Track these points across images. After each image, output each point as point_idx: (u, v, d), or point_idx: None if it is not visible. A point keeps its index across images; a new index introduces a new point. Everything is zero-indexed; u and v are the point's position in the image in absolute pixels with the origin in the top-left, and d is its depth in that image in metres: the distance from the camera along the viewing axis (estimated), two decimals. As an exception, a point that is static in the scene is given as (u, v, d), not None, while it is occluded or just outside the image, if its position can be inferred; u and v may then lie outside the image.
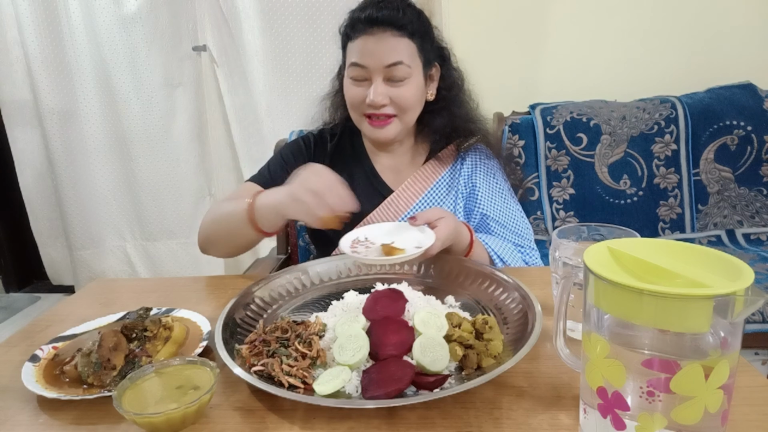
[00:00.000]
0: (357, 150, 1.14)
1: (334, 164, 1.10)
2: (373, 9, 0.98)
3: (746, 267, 0.40)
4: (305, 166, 0.86)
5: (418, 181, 1.09)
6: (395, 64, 0.98)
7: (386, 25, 0.97)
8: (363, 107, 1.02)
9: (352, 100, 1.03)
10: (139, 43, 2.15)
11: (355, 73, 1.00)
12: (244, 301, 0.76)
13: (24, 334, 0.78)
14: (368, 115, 1.02)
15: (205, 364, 0.58)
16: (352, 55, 1.00)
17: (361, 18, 0.99)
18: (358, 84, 1.01)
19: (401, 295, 0.69)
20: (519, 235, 1.07)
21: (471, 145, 1.13)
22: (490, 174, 1.12)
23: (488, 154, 1.15)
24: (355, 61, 0.99)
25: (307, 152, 1.13)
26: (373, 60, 0.98)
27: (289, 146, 1.16)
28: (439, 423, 0.53)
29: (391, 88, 0.99)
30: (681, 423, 0.40)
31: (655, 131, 1.68)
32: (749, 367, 0.60)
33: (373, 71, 0.98)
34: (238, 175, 2.32)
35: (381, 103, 0.99)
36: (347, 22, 1.03)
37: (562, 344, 0.53)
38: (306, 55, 2.10)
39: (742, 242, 1.68)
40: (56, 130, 2.24)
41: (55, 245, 2.51)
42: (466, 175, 1.10)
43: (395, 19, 0.97)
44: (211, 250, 1.01)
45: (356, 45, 0.99)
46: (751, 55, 1.90)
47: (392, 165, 1.12)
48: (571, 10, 1.92)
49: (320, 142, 1.15)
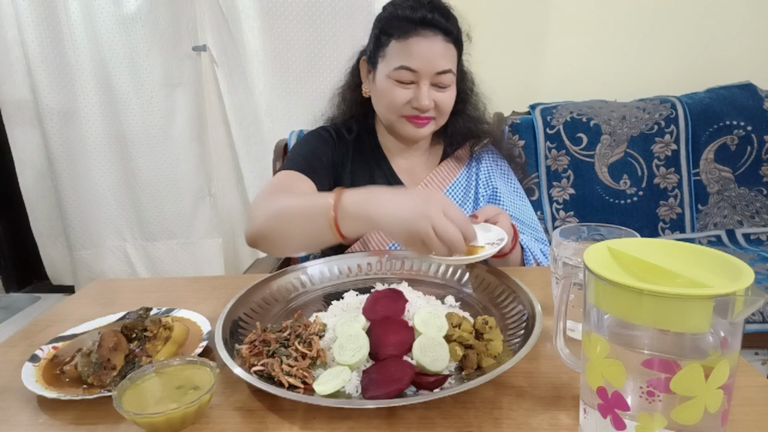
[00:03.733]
0: (374, 150, 1.13)
1: (356, 160, 1.11)
2: (425, 11, 0.95)
3: (746, 267, 0.40)
4: (428, 190, 0.77)
5: (435, 182, 1.10)
6: (445, 72, 0.97)
7: (438, 29, 0.95)
8: (405, 109, 1.00)
9: (396, 102, 0.99)
10: (139, 43, 2.15)
11: (405, 76, 0.97)
12: (244, 301, 0.75)
13: (24, 334, 0.78)
14: (408, 116, 1.01)
15: (205, 364, 0.58)
16: (401, 56, 0.96)
17: (412, 18, 0.95)
18: (404, 86, 0.98)
19: (401, 295, 0.69)
20: (536, 230, 1.10)
21: (484, 146, 1.15)
22: (505, 176, 1.15)
23: (499, 155, 1.17)
24: (406, 65, 0.96)
25: (332, 141, 1.10)
26: (426, 64, 0.95)
27: (313, 134, 1.12)
28: (439, 423, 0.53)
29: (436, 93, 0.99)
30: (681, 423, 0.40)
31: (655, 131, 1.68)
32: (749, 367, 0.60)
33: (422, 75, 0.96)
34: (238, 175, 2.32)
35: (429, 107, 0.99)
36: (390, 19, 0.98)
37: (562, 344, 0.53)
38: (306, 55, 2.10)
39: (742, 242, 1.68)
40: (56, 129, 2.24)
41: (55, 245, 2.51)
42: (484, 177, 1.12)
43: (445, 24, 0.96)
44: (268, 247, 0.89)
45: (406, 46, 0.96)
46: (751, 55, 1.90)
47: (408, 166, 1.13)
48: (571, 10, 1.92)
49: (340, 135, 1.13)
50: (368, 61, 1.06)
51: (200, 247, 2.42)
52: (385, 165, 1.11)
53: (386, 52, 0.99)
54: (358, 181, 1.10)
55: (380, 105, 1.04)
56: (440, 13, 0.96)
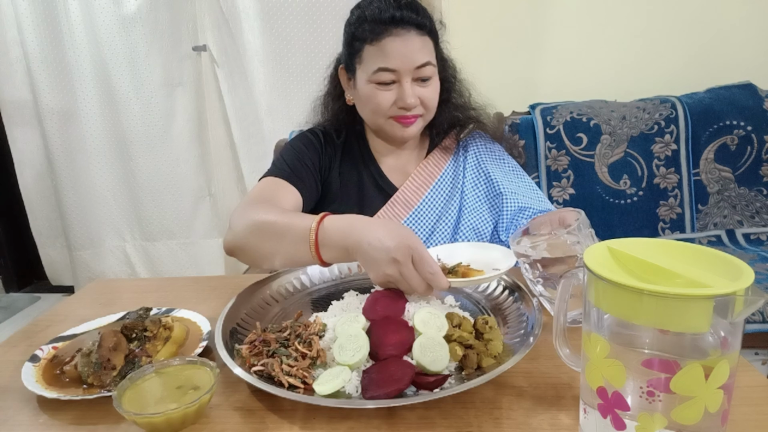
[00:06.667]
0: (363, 152, 1.12)
1: (344, 163, 1.11)
2: (393, 9, 0.93)
3: (746, 267, 0.40)
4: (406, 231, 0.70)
5: (422, 176, 1.09)
6: (425, 65, 0.96)
7: (410, 25, 0.94)
8: (391, 110, 0.99)
9: (381, 106, 0.98)
10: (139, 43, 2.15)
11: (385, 77, 0.95)
12: (244, 301, 0.75)
13: (24, 334, 0.78)
14: (396, 117, 1.00)
15: (205, 364, 0.58)
16: (377, 59, 0.95)
17: (382, 19, 0.94)
18: (387, 88, 0.97)
19: (401, 295, 0.69)
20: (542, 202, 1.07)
21: (469, 133, 1.12)
22: (498, 159, 1.12)
23: (489, 140, 1.14)
24: (384, 66, 0.94)
25: (318, 145, 1.09)
26: (404, 62, 0.94)
27: (299, 138, 1.11)
28: (439, 423, 0.53)
29: (418, 88, 0.98)
30: (681, 423, 0.40)
31: (655, 131, 1.68)
32: (749, 367, 0.60)
33: (402, 73, 0.95)
34: (238, 175, 2.32)
35: (415, 104, 0.98)
36: (360, 23, 0.97)
37: (562, 344, 0.53)
38: (306, 55, 2.10)
39: (742, 242, 1.68)
40: (56, 130, 2.24)
41: (54, 245, 2.51)
42: (473, 164, 1.10)
43: (416, 18, 0.94)
44: (245, 260, 0.87)
45: (380, 48, 0.94)
46: (751, 55, 1.90)
47: (398, 165, 1.12)
48: (571, 10, 1.92)
49: (328, 137, 1.12)
50: (346, 69, 1.04)
51: (200, 247, 2.42)
52: (374, 167, 1.11)
53: (362, 57, 0.98)
54: (347, 183, 1.09)
55: (366, 110, 1.03)
56: (409, 9, 0.94)
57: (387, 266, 0.66)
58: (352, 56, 1.00)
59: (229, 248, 0.87)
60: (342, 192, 1.09)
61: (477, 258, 0.77)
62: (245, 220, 0.84)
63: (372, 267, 0.69)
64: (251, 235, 0.82)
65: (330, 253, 0.74)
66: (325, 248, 0.74)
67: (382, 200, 1.07)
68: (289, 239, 0.77)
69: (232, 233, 0.85)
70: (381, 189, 1.09)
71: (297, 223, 0.77)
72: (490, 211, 1.07)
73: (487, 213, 1.07)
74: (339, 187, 1.09)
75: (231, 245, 0.86)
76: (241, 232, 0.83)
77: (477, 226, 1.05)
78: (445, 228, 1.05)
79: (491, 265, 0.74)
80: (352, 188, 1.09)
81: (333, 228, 0.74)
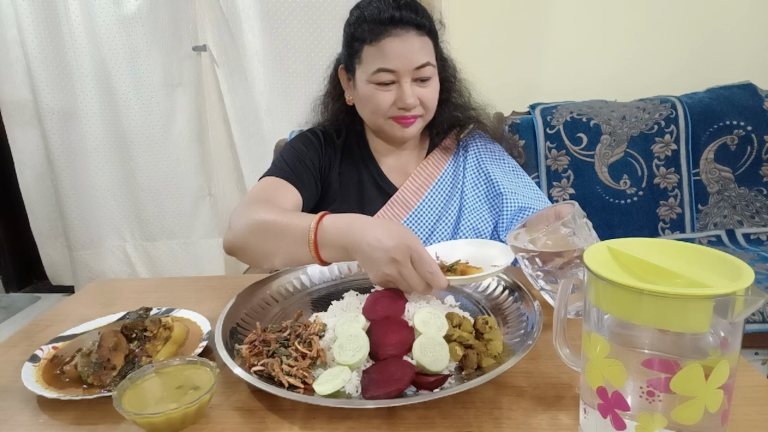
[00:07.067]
0: (363, 152, 1.12)
1: (344, 163, 1.11)
2: (392, 9, 0.93)
3: (746, 267, 0.40)
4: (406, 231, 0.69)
5: (422, 176, 1.09)
6: (424, 65, 0.95)
7: (409, 25, 0.94)
8: (391, 111, 0.99)
9: (381, 106, 0.98)
10: (139, 43, 2.15)
11: (384, 78, 0.95)
12: (244, 301, 0.75)
13: (24, 334, 0.78)
14: (395, 117, 1.00)
15: (205, 364, 0.58)
16: (377, 60, 0.95)
17: (381, 19, 0.94)
18: (386, 88, 0.97)
19: (401, 295, 0.69)
20: (542, 201, 1.08)
21: (469, 133, 1.12)
22: (498, 159, 1.12)
23: (489, 140, 1.15)
24: (383, 67, 0.94)
25: (318, 145, 1.09)
26: (403, 63, 0.94)
27: (299, 138, 1.11)
28: (439, 423, 0.53)
29: (418, 89, 0.98)
30: (681, 423, 0.40)
31: (655, 131, 1.68)
32: (749, 367, 0.60)
33: (402, 74, 0.95)
34: (238, 174, 2.32)
35: (414, 104, 0.98)
36: (359, 24, 0.97)
37: (562, 344, 0.53)
38: (306, 55, 2.10)
39: (742, 242, 1.68)
40: (56, 130, 2.24)
41: (54, 245, 2.51)
42: (473, 163, 1.10)
43: (416, 19, 0.94)
44: (245, 259, 0.87)
45: (380, 49, 0.94)
46: (751, 55, 1.90)
47: (398, 165, 1.12)
48: (571, 10, 1.92)
49: (328, 137, 1.12)
50: (346, 69, 1.04)
51: (200, 247, 2.42)
52: (374, 167, 1.11)
53: (361, 57, 0.98)
54: (347, 183, 1.09)
55: (365, 111, 1.03)
56: (408, 9, 0.94)
57: (386, 266, 0.67)
58: (352, 57, 1.00)
59: (229, 248, 0.87)
60: (342, 192, 1.09)
61: (475, 255, 0.77)
62: (245, 219, 0.84)
63: (371, 267, 0.69)
64: (251, 235, 0.82)
65: (329, 252, 0.75)
66: (324, 248, 0.74)
67: (382, 200, 1.07)
68: (289, 239, 0.77)
69: (232, 233, 0.86)
70: (381, 189, 1.09)
71: (296, 223, 0.77)
72: (490, 211, 1.07)
73: (487, 213, 1.07)
74: (339, 187, 1.09)
75: (231, 245, 0.87)
76: (240, 232, 0.84)
77: (477, 226, 1.05)
78: (445, 228, 1.05)
79: (489, 261, 0.75)
80: (352, 188, 1.09)
81: (332, 227, 0.74)
